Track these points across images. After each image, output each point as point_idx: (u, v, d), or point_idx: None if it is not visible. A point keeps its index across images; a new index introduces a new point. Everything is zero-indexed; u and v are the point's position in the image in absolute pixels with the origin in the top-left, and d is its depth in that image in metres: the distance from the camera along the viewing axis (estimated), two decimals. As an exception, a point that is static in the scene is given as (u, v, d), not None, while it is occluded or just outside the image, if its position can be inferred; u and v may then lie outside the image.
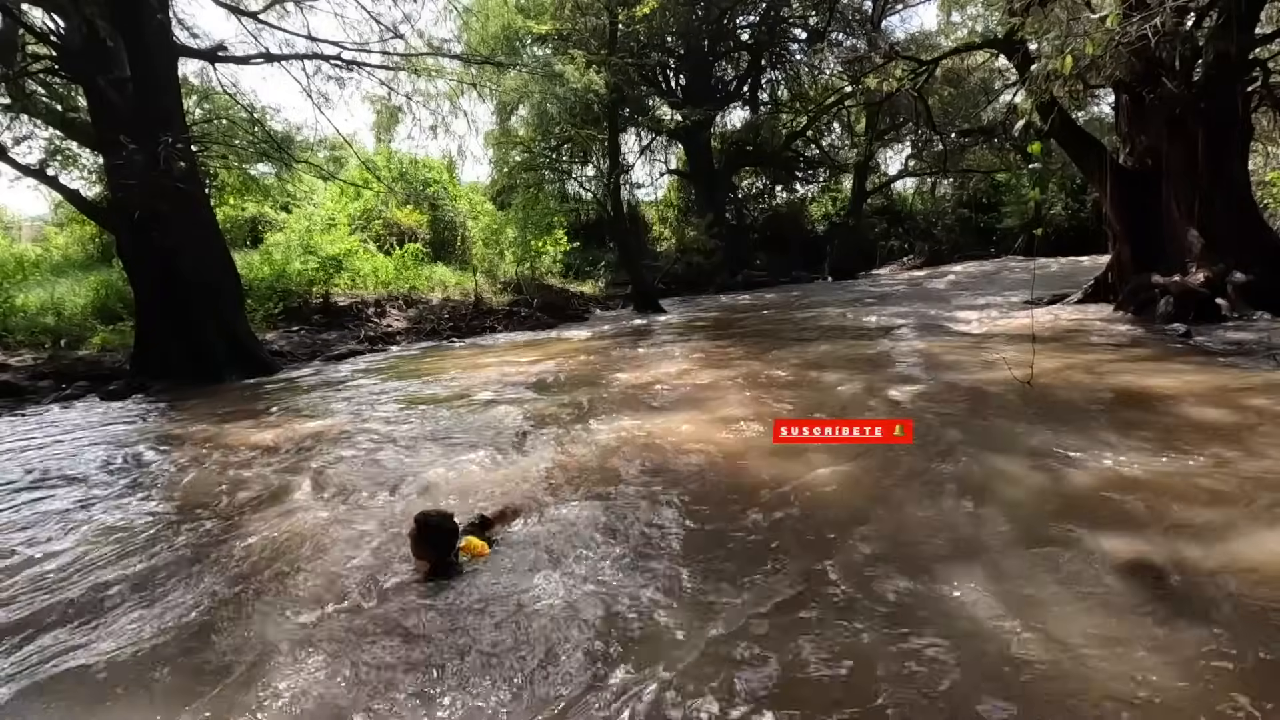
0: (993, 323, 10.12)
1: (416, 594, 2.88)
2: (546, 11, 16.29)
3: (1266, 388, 5.32)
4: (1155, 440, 4.19)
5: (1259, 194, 12.96)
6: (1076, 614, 2.47)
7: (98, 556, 3.49)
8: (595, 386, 7.14)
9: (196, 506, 4.17)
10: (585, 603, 2.72)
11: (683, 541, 3.27)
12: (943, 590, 2.67)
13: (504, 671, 2.33)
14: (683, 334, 11.95)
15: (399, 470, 4.64)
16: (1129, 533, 3.04)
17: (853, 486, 3.83)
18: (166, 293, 9.25)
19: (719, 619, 2.56)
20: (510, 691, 2.23)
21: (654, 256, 23.70)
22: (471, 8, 14.15)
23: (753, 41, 24.85)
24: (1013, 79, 15.85)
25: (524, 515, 3.63)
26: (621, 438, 5.00)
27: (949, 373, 6.66)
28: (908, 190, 29.22)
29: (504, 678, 2.30)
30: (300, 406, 7.14)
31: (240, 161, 12.60)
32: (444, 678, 2.32)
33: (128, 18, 8.79)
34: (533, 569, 3.03)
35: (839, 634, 2.43)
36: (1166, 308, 8.98)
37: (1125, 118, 10.84)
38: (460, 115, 13.85)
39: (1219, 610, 2.45)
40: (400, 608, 2.76)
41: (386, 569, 3.11)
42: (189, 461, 5.19)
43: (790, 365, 7.55)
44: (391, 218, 18.86)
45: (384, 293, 15.18)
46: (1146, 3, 6.67)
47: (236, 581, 3.12)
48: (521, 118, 19.97)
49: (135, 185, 8.53)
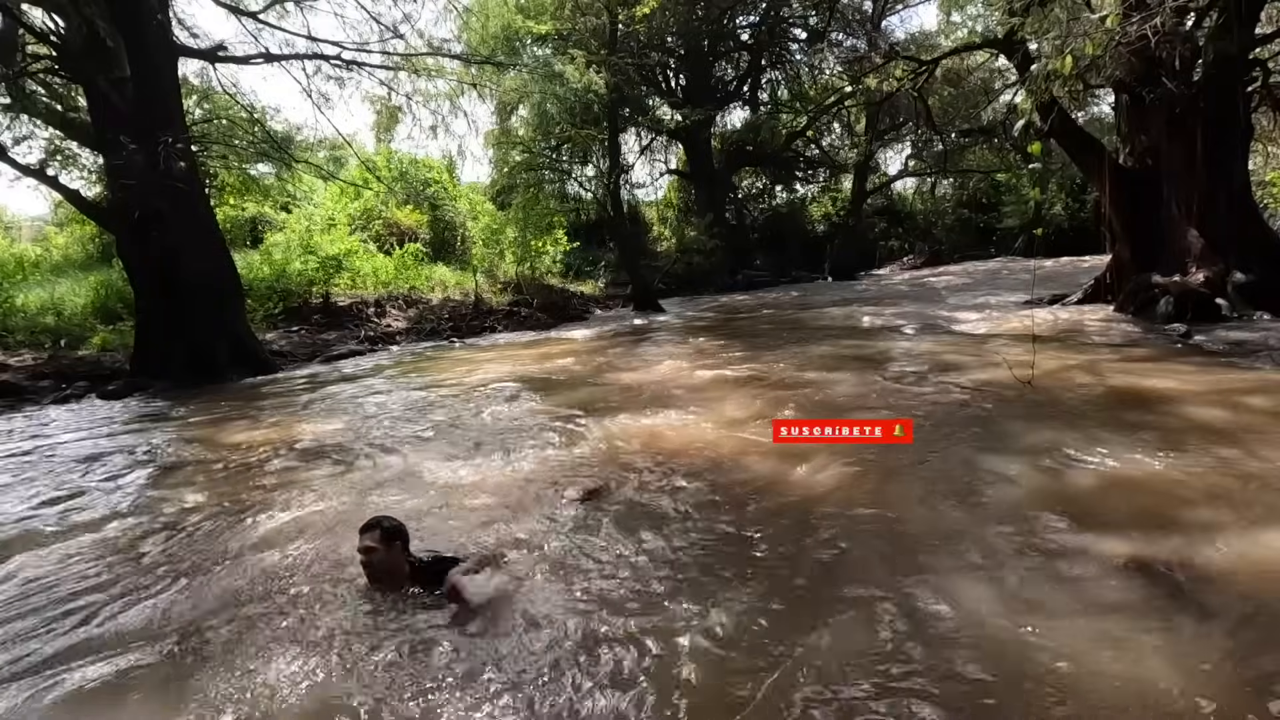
0: (993, 323, 10.11)
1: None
2: (546, 11, 16.29)
3: (1266, 387, 5.32)
4: (1155, 440, 4.19)
5: (1259, 194, 12.98)
6: (1076, 613, 2.46)
7: (93, 556, 3.49)
8: (595, 387, 7.14)
9: (195, 506, 4.17)
10: (578, 602, 2.72)
11: (682, 541, 3.26)
12: (942, 590, 2.67)
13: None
14: (683, 334, 11.95)
15: (399, 470, 4.64)
16: (1129, 532, 3.04)
17: (852, 486, 3.83)
18: (166, 293, 9.25)
19: (719, 618, 2.56)
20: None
21: (654, 256, 23.69)
22: (471, 8, 14.16)
23: (753, 41, 24.85)
24: (1013, 79, 15.86)
25: (522, 520, 3.62)
26: (622, 438, 5.00)
27: (949, 373, 6.65)
28: (908, 190, 29.23)
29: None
30: (300, 407, 7.14)
31: (240, 161, 12.61)
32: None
33: (128, 18, 8.79)
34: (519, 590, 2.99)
35: (838, 633, 2.43)
36: (1166, 308, 8.98)
37: (1125, 117, 10.84)
38: (460, 115, 13.91)
39: (1219, 610, 2.44)
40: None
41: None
42: (188, 461, 5.19)
43: (790, 365, 7.55)
44: (391, 218, 18.86)
45: (384, 293, 15.18)
46: (1146, 3, 6.68)
47: (232, 581, 3.12)
48: (521, 118, 20.00)
49: (135, 185, 8.53)
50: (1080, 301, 11.10)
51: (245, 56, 10.68)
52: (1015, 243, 23.78)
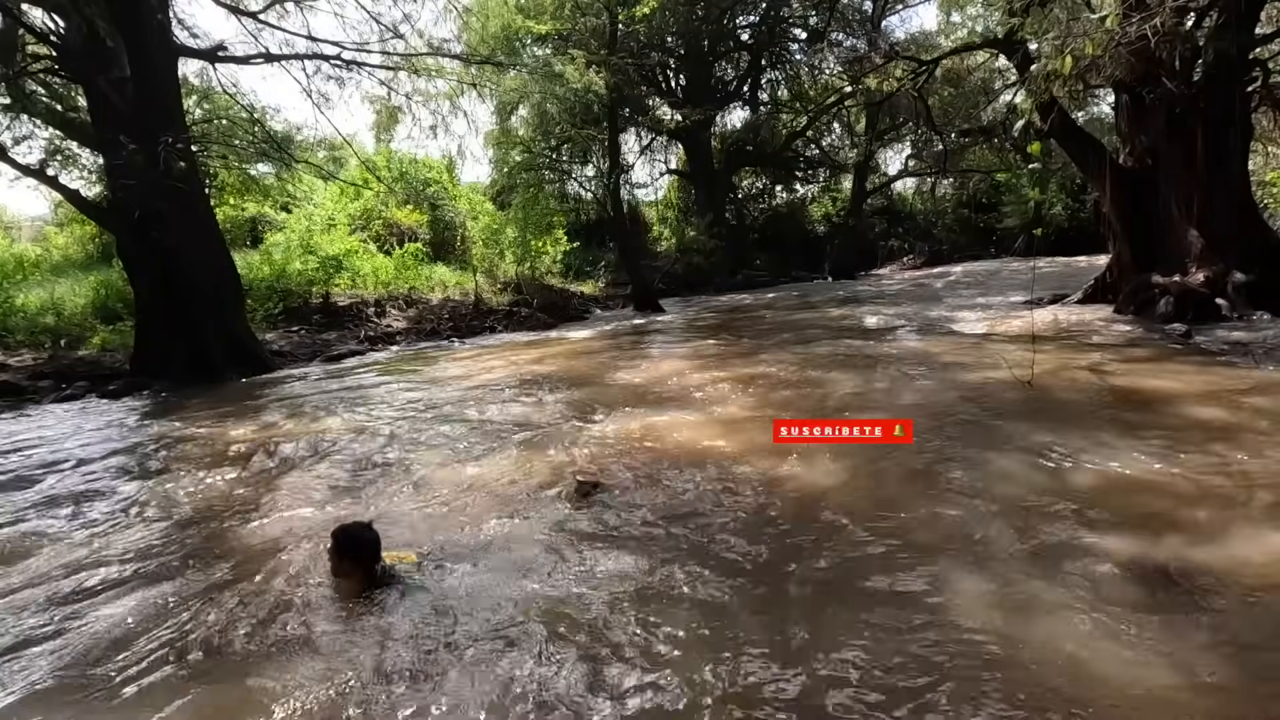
0: (993, 323, 10.11)
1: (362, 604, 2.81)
2: (546, 11, 16.28)
3: (1266, 387, 5.32)
4: (1155, 440, 4.19)
5: (1259, 194, 12.97)
6: (1076, 613, 2.46)
7: (88, 555, 3.50)
8: (596, 387, 7.13)
9: (194, 506, 4.17)
10: (574, 599, 2.72)
11: (680, 542, 3.26)
12: (942, 590, 2.67)
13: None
14: (683, 334, 11.95)
15: (395, 469, 4.64)
16: (1129, 532, 3.04)
17: (851, 486, 3.83)
18: (166, 293, 9.25)
19: (716, 617, 2.56)
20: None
21: (654, 256, 23.67)
22: (471, 8, 14.15)
23: (753, 41, 24.84)
24: (1013, 79, 15.82)
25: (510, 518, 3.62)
26: (622, 438, 5.00)
27: (949, 372, 6.65)
28: (908, 190, 29.22)
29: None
30: (299, 406, 7.14)
31: (240, 161, 12.60)
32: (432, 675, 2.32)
33: (128, 18, 8.79)
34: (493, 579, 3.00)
35: (836, 632, 2.43)
36: (1166, 308, 8.98)
37: (1125, 118, 10.83)
38: (460, 115, 13.89)
39: (1219, 609, 2.45)
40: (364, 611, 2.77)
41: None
42: (188, 460, 5.18)
43: (790, 365, 7.55)
44: (391, 218, 18.86)
45: (384, 293, 15.18)
46: (1146, 3, 6.67)
47: (228, 579, 3.12)
48: (521, 118, 19.97)
49: (135, 185, 8.53)
50: (1080, 301, 11.10)
51: (245, 56, 10.68)
52: (1015, 243, 23.74)
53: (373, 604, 2.78)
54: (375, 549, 2.93)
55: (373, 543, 2.93)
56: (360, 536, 2.93)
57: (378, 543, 2.95)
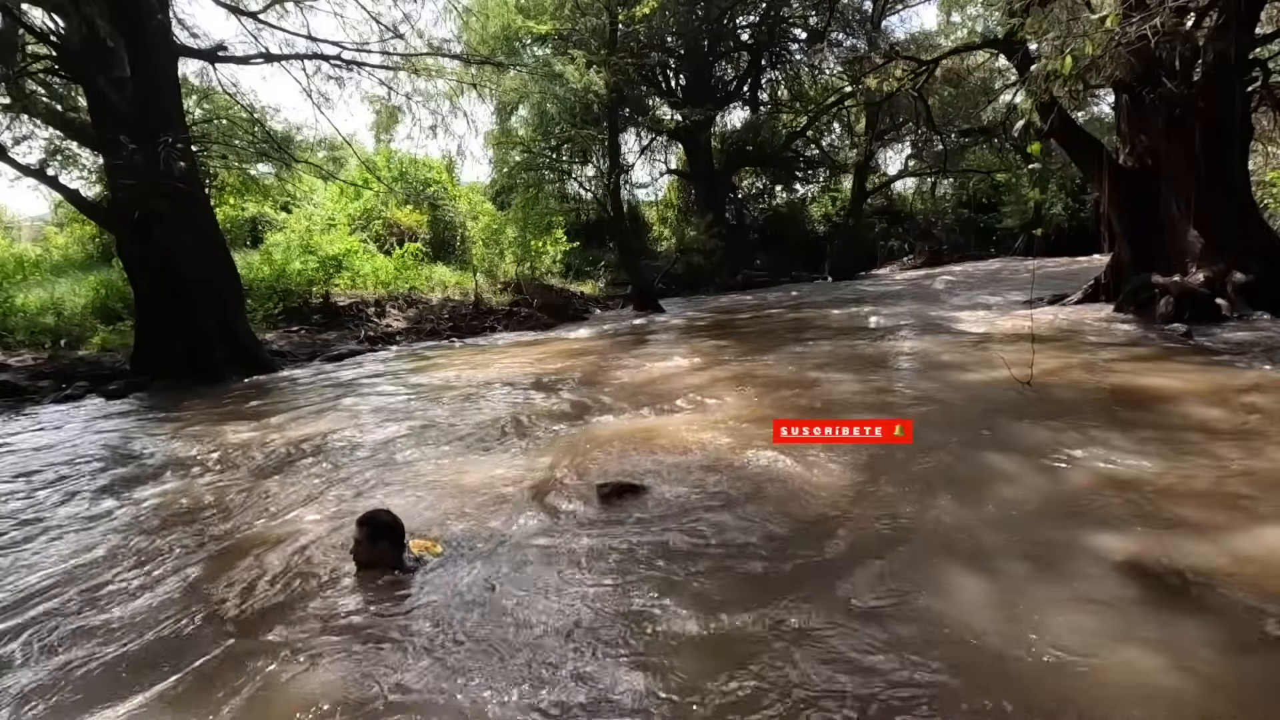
0: (992, 323, 10.11)
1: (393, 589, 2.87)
2: (546, 11, 16.29)
3: (1266, 387, 5.32)
4: (1155, 440, 4.19)
5: (1259, 194, 12.96)
6: (1076, 613, 2.46)
7: (86, 555, 3.49)
8: (594, 387, 7.13)
9: (195, 505, 4.17)
10: (571, 596, 2.73)
11: (679, 542, 3.26)
12: (942, 590, 2.67)
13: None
14: (683, 334, 11.95)
15: (395, 467, 4.63)
16: (1129, 532, 3.04)
17: (851, 486, 3.82)
18: (166, 293, 9.26)
19: (715, 616, 2.56)
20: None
21: (654, 256, 23.69)
22: (471, 8, 14.16)
23: (753, 41, 24.85)
24: (1013, 79, 15.86)
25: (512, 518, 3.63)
26: (620, 438, 4.99)
27: (949, 372, 6.65)
28: (908, 190, 29.18)
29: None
30: (299, 406, 7.14)
31: (240, 161, 12.61)
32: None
33: (128, 18, 8.79)
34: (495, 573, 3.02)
35: (836, 632, 2.43)
36: (1166, 308, 8.97)
37: (1125, 118, 10.83)
38: (460, 115, 13.90)
39: (1219, 609, 2.45)
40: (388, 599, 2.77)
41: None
42: (188, 460, 5.19)
43: (790, 365, 7.55)
44: (391, 218, 18.87)
45: (384, 293, 15.19)
46: (1146, 3, 6.67)
47: (225, 580, 3.12)
48: (521, 118, 19.97)
49: (135, 185, 8.53)
50: (1080, 301, 11.09)
51: (245, 56, 10.69)
52: (1015, 243, 23.74)
53: (402, 588, 2.85)
54: (402, 535, 3.04)
55: (400, 529, 3.03)
56: (389, 523, 3.02)
57: (403, 530, 3.05)
